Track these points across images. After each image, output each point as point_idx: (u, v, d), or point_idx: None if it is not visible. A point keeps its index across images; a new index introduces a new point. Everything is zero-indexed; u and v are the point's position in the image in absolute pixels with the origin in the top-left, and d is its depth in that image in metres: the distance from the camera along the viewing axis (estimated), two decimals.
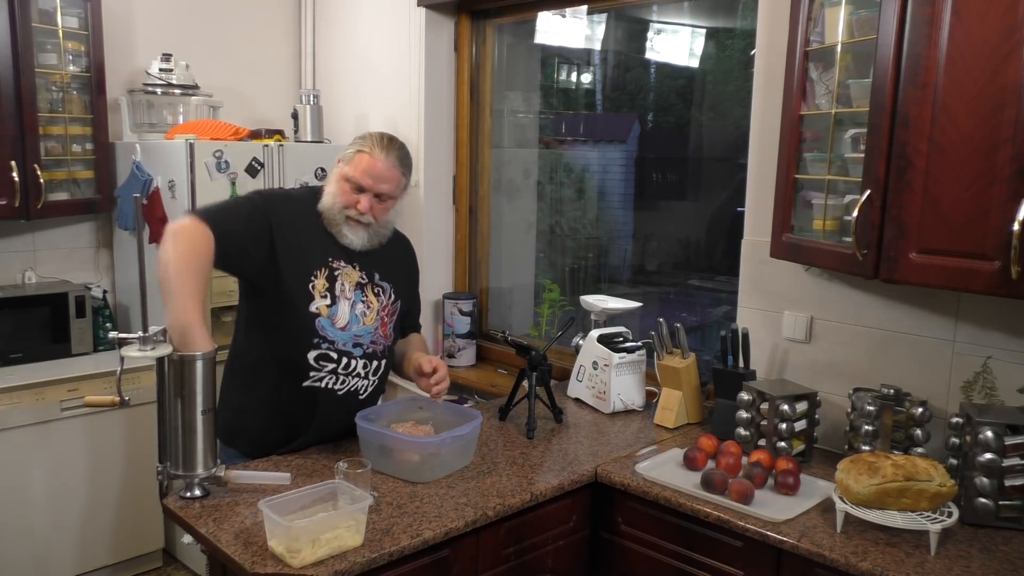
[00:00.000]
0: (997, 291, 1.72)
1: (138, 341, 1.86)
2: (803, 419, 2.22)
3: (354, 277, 2.15)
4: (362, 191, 2.09)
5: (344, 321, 2.12)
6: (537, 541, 2.07)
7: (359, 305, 2.15)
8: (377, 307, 2.19)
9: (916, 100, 1.79)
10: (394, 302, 2.24)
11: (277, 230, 2.05)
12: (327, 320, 2.09)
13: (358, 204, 2.09)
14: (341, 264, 2.14)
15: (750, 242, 2.57)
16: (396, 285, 2.26)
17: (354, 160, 2.10)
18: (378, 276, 2.21)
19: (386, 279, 2.23)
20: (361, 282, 2.17)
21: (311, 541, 1.62)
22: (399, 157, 2.13)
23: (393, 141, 2.15)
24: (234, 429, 2.18)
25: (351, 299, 2.14)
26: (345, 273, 2.14)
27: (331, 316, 2.10)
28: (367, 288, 2.18)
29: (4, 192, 3.02)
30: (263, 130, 3.48)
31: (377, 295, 2.20)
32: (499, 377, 3.36)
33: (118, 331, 1.95)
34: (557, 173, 4.05)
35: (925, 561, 1.71)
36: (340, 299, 2.12)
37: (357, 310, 2.14)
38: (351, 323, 2.13)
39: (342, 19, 3.86)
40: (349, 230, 2.12)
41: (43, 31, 3.12)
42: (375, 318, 2.18)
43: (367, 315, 2.16)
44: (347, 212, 2.10)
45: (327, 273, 2.11)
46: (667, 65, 3.73)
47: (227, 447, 2.19)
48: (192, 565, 3.35)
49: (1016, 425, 1.87)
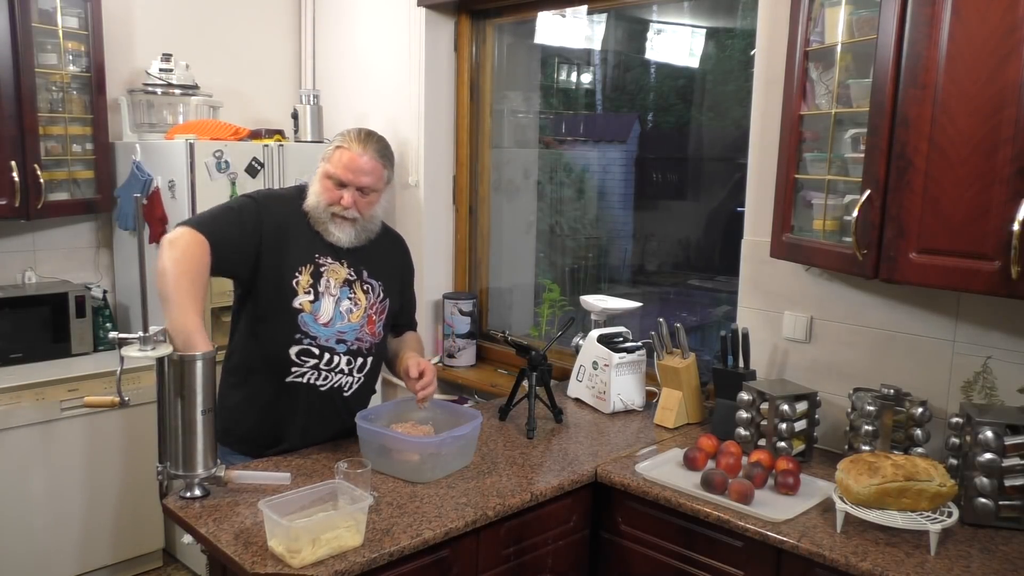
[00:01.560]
0: (997, 291, 1.72)
1: (138, 341, 1.86)
2: (803, 419, 2.22)
3: (341, 274, 2.17)
4: (344, 186, 2.11)
5: (327, 317, 2.13)
6: (537, 541, 2.07)
7: (345, 302, 2.16)
8: (365, 304, 2.20)
9: (916, 100, 1.79)
10: (383, 300, 2.25)
11: (267, 230, 2.08)
12: (309, 316, 2.11)
13: (341, 200, 2.10)
14: (328, 260, 2.15)
15: (750, 242, 2.57)
16: (386, 283, 2.26)
17: (333, 157, 2.12)
18: (367, 273, 2.22)
19: (375, 277, 2.24)
20: (349, 279, 2.18)
21: (311, 541, 1.62)
22: (377, 150, 2.14)
23: (371, 135, 2.17)
24: (227, 427, 2.19)
25: (336, 296, 2.15)
26: (332, 269, 2.15)
27: (314, 312, 2.11)
28: (355, 285, 2.19)
29: (4, 192, 3.02)
30: (263, 130, 3.48)
31: (366, 292, 2.21)
32: (499, 377, 3.36)
33: (118, 331, 1.95)
34: (557, 173, 4.06)
35: (925, 561, 1.71)
36: (324, 295, 2.13)
37: (343, 307, 2.16)
38: (335, 319, 2.14)
39: (342, 19, 3.86)
40: (336, 227, 2.13)
41: (43, 31, 3.12)
42: (361, 315, 2.19)
43: (353, 312, 2.17)
44: (332, 209, 2.12)
45: (312, 269, 2.12)
46: (667, 65, 3.74)
47: (222, 446, 2.18)
48: (192, 565, 3.34)
49: (1016, 425, 1.87)
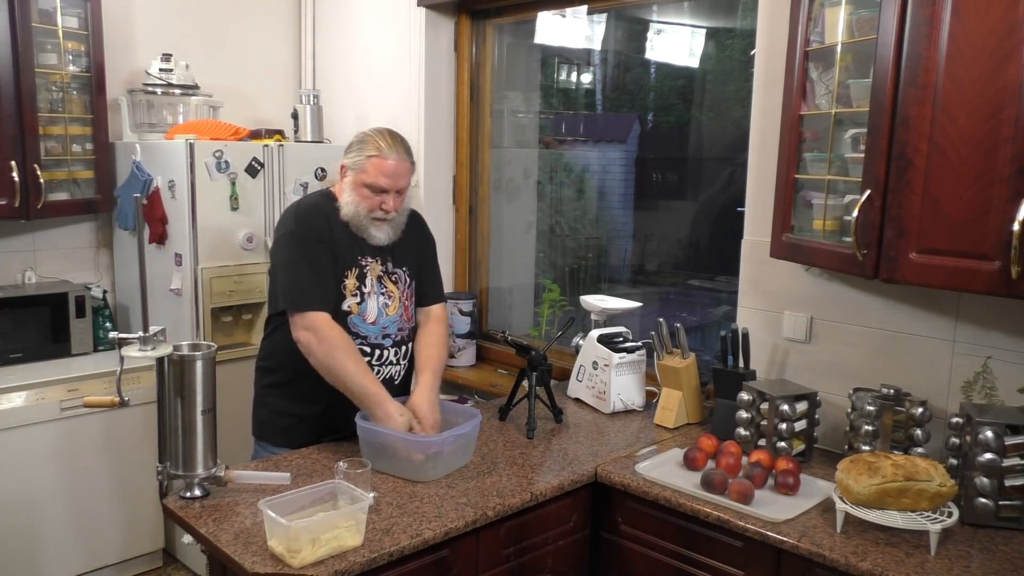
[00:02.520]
0: (997, 291, 1.72)
1: (138, 341, 1.86)
2: (803, 419, 2.22)
3: (376, 270, 2.24)
4: (384, 192, 2.16)
5: (373, 316, 2.21)
6: (537, 541, 2.07)
7: (381, 297, 2.23)
8: (397, 295, 2.27)
9: (916, 100, 1.79)
10: (410, 284, 2.32)
11: (329, 247, 2.15)
12: (358, 317, 2.19)
13: (383, 205, 2.17)
14: (368, 260, 2.23)
15: (750, 242, 2.57)
16: (409, 266, 2.32)
17: (369, 167, 2.16)
18: (391, 264, 2.28)
19: (399, 265, 2.29)
20: (380, 274, 2.25)
21: (311, 541, 1.62)
22: (406, 150, 2.22)
23: (395, 136, 2.23)
24: (282, 428, 2.27)
25: (375, 293, 2.22)
26: (372, 268, 2.23)
27: (361, 313, 2.19)
28: (384, 279, 2.25)
29: (4, 192, 3.02)
30: (263, 130, 3.48)
31: (396, 283, 2.28)
32: (499, 377, 3.36)
33: (118, 331, 1.96)
34: (557, 173, 4.05)
35: (925, 561, 1.71)
36: (369, 295, 2.21)
37: (380, 302, 2.23)
38: (379, 316, 2.22)
39: (342, 19, 3.86)
40: (376, 229, 2.20)
41: (43, 31, 3.11)
42: (398, 306, 2.26)
43: (389, 305, 2.25)
44: (374, 214, 2.18)
45: (357, 272, 2.20)
46: (667, 65, 3.73)
47: (273, 446, 2.28)
48: (192, 565, 3.34)
49: (1016, 425, 1.87)
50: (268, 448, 2.29)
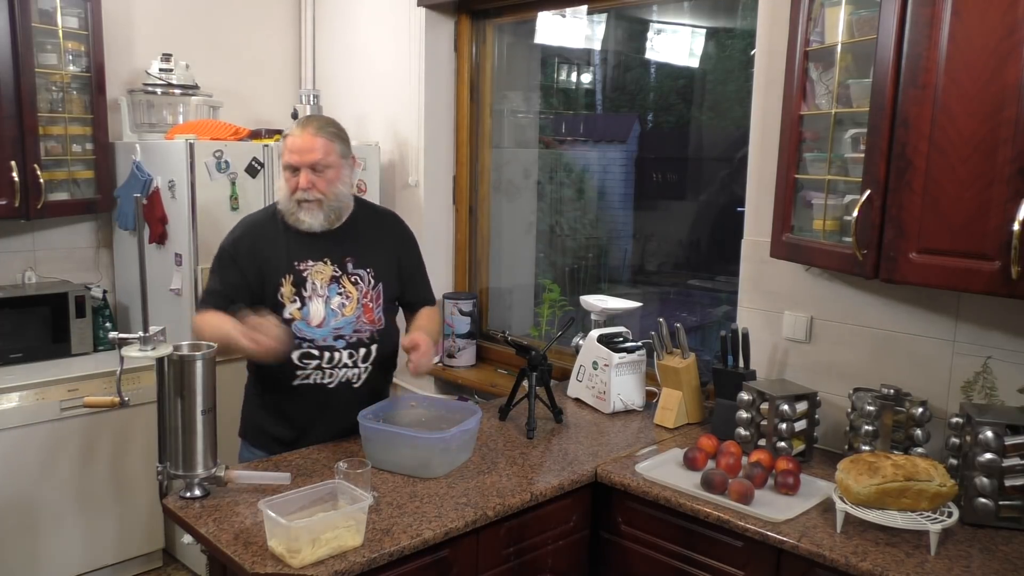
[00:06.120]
0: (997, 291, 1.72)
1: (138, 341, 1.86)
2: (803, 419, 2.22)
3: (327, 273, 2.23)
4: (297, 170, 2.17)
5: (319, 318, 2.20)
6: (537, 541, 2.07)
7: (336, 299, 2.22)
8: (357, 295, 2.25)
9: (916, 100, 1.79)
10: (375, 286, 2.28)
11: (243, 263, 2.20)
12: (302, 322, 2.19)
13: (300, 183, 2.16)
14: (309, 264, 2.22)
15: (750, 242, 2.57)
16: (377, 268, 2.30)
17: (283, 148, 2.21)
18: (351, 265, 2.26)
19: (363, 266, 2.27)
20: (335, 275, 2.23)
21: (311, 541, 1.62)
22: (319, 126, 2.20)
23: (311, 116, 2.27)
24: (255, 427, 2.32)
25: (325, 295, 2.21)
26: (315, 271, 2.22)
27: (304, 317, 2.19)
28: (342, 280, 2.24)
29: (4, 192, 3.02)
30: (263, 130, 3.47)
31: (355, 284, 2.25)
32: (499, 377, 3.36)
33: (118, 331, 1.96)
34: (557, 173, 4.06)
35: (925, 561, 1.71)
36: (311, 299, 2.20)
37: (334, 304, 2.22)
38: (328, 318, 2.21)
39: (342, 19, 3.86)
40: (304, 214, 2.19)
41: (43, 31, 3.11)
42: (355, 307, 2.24)
43: (346, 306, 2.23)
44: (296, 196, 2.18)
45: (292, 279, 2.19)
46: (667, 65, 3.74)
47: (252, 447, 2.32)
48: (192, 565, 3.34)
49: (1016, 425, 1.87)
50: (249, 448, 2.32)
